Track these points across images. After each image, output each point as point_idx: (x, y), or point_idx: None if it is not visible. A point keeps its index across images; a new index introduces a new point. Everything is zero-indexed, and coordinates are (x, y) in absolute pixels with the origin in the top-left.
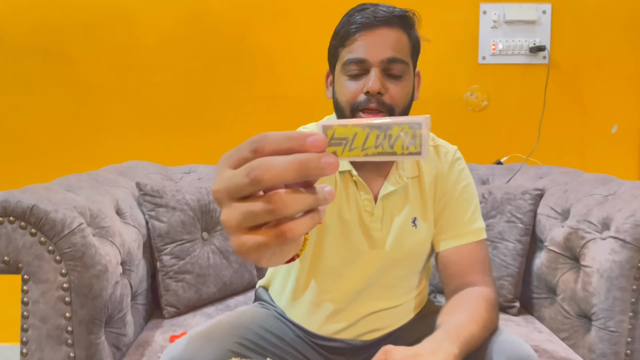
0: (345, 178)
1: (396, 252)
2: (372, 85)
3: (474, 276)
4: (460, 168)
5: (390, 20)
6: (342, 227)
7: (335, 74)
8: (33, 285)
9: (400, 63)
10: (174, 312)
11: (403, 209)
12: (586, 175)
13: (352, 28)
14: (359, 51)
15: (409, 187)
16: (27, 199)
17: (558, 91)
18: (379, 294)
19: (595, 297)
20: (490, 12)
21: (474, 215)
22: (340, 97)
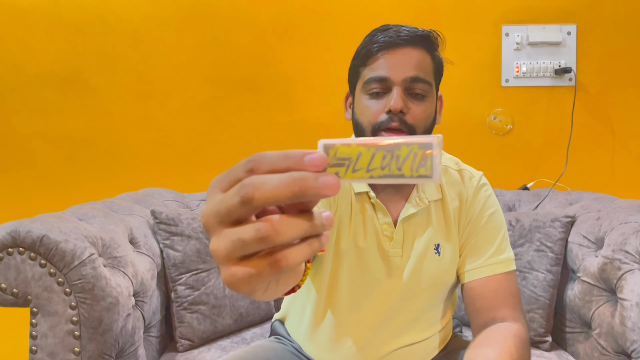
0: (362, 200)
1: (417, 281)
2: (395, 104)
3: (503, 311)
4: (487, 194)
5: (413, 40)
6: (359, 254)
7: (356, 94)
8: (42, 319)
9: (423, 83)
10: (188, 345)
11: (425, 233)
12: (620, 202)
13: (375, 47)
14: (381, 69)
15: (431, 210)
16: (37, 229)
17: (586, 114)
18: (400, 329)
19: (635, 333)
20: (512, 34)
21: (502, 244)
22: (361, 117)
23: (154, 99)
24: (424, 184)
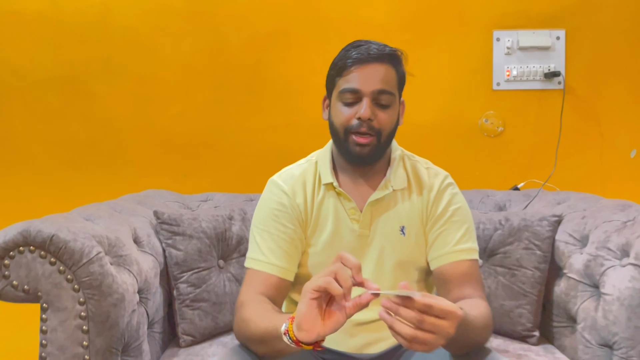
0: (329, 190)
1: (386, 257)
2: (364, 113)
3: (470, 290)
4: (453, 192)
5: (381, 57)
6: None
7: (332, 99)
8: (52, 314)
9: (388, 94)
10: (190, 340)
11: (390, 216)
12: (604, 201)
13: (349, 62)
14: (353, 82)
15: (397, 197)
16: (47, 229)
17: (575, 116)
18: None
19: (616, 326)
20: (503, 39)
21: (466, 236)
22: (336, 120)
23: (154, 104)
24: (391, 175)
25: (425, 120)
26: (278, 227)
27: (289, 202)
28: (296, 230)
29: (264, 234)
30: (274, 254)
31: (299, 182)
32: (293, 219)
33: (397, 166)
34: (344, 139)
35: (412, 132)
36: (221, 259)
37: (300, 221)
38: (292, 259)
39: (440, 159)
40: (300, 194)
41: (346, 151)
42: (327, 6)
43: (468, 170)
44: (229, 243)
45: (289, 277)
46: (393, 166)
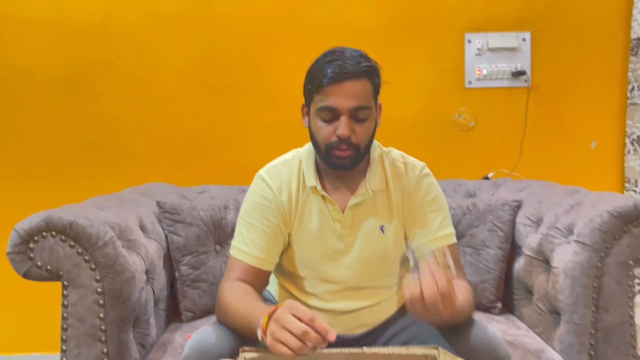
0: (313, 192)
1: (367, 255)
2: (342, 132)
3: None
4: (429, 182)
5: (356, 74)
6: (314, 236)
7: (311, 113)
8: (72, 290)
9: (365, 109)
10: (191, 316)
11: (371, 216)
12: (559, 188)
13: (324, 80)
14: (330, 100)
15: (376, 198)
16: (67, 216)
17: (540, 111)
18: (358, 295)
19: (562, 294)
20: (474, 41)
21: (443, 222)
22: (317, 136)
23: (153, 103)
24: (369, 177)
25: (403, 116)
26: (262, 220)
27: (274, 198)
28: (279, 224)
29: (248, 225)
30: (256, 245)
31: (285, 180)
32: (277, 214)
33: (375, 167)
34: (325, 153)
35: (392, 128)
36: (217, 244)
37: (284, 217)
38: (273, 251)
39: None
40: (285, 192)
41: (328, 162)
42: (313, 12)
43: (443, 161)
44: (225, 230)
45: (268, 267)
46: (372, 168)
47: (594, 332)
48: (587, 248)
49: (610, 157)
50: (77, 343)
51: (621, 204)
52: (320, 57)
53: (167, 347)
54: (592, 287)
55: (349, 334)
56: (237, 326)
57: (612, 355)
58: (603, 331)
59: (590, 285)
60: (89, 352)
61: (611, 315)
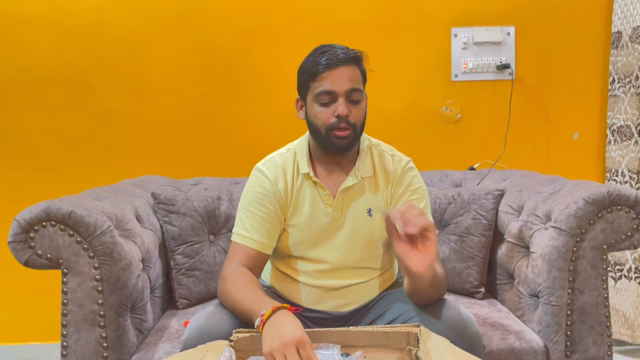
0: (306, 178)
1: (355, 236)
2: (342, 111)
3: None
4: (413, 175)
5: (348, 60)
6: (307, 219)
7: (307, 101)
8: (71, 277)
9: (358, 91)
10: (186, 303)
11: (359, 200)
12: (539, 177)
13: (320, 67)
14: (327, 85)
15: (365, 184)
16: (66, 206)
17: (524, 103)
18: (345, 273)
19: (539, 278)
20: (460, 35)
21: (424, 211)
22: (316, 121)
23: (147, 97)
24: (359, 164)
25: (392, 109)
26: (261, 207)
27: (271, 187)
28: (276, 211)
29: (248, 213)
30: (256, 230)
31: (280, 170)
32: (274, 201)
33: (364, 156)
34: (325, 136)
35: (381, 120)
36: (211, 234)
37: (281, 204)
38: (271, 236)
39: (405, 143)
40: (281, 180)
41: (329, 145)
42: (304, 7)
43: (430, 153)
44: (218, 220)
45: (267, 251)
46: (361, 156)
47: (570, 313)
48: (563, 233)
49: (591, 147)
50: (76, 328)
51: (595, 191)
52: (311, 52)
53: (164, 333)
54: (568, 271)
55: (337, 311)
56: (239, 311)
57: (587, 335)
58: (579, 312)
59: (566, 268)
60: (88, 336)
61: (586, 297)
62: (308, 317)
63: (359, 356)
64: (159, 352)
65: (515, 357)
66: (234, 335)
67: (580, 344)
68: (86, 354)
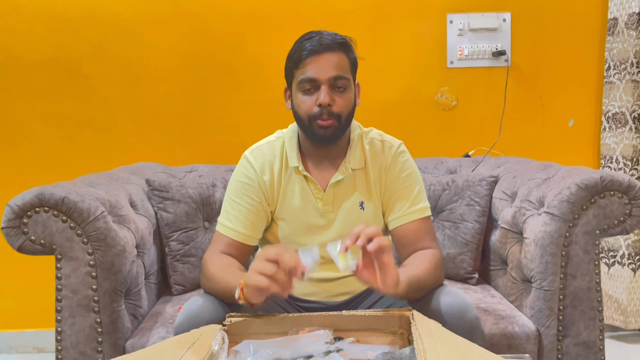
0: (296, 172)
1: (348, 230)
2: (323, 99)
3: (422, 243)
4: (404, 159)
5: (333, 46)
6: (297, 213)
7: (293, 90)
8: (65, 263)
9: (343, 79)
10: (181, 289)
11: (351, 194)
12: (534, 163)
13: (304, 54)
14: (310, 72)
15: (356, 177)
16: (59, 192)
17: (519, 90)
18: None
19: (532, 263)
20: (456, 22)
21: (417, 197)
22: (299, 110)
23: (142, 84)
24: (349, 157)
25: (387, 96)
26: (245, 199)
27: (257, 178)
28: (262, 203)
29: (233, 203)
30: (239, 222)
31: (267, 160)
32: (259, 193)
33: (355, 147)
34: (308, 125)
35: (376, 107)
36: (206, 220)
37: (267, 196)
38: (256, 227)
39: (401, 130)
40: (267, 171)
41: (312, 135)
42: None
43: (425, 140)
44: (213, 207)
45: (251, 242)
46: (352, 148)
47: (562, 298)
48: (555, 219)
49: (587, 134)
50: (71, 313)
51: (588, 176)
52: (298, 39)
53: (158, 318)
54: (561, 256)
55: (331, 301)
56: (220, 292)
57: (579, 320)
58: (571, 297)
59: (559, 253)
60: (83, 321)
61: (578, 282)
62: (302, 307)
63: (351, 341)
64: (153, 337)
65: (508, 342)
66: (227, 320)
67: (572, 328)
68: (81, 339)
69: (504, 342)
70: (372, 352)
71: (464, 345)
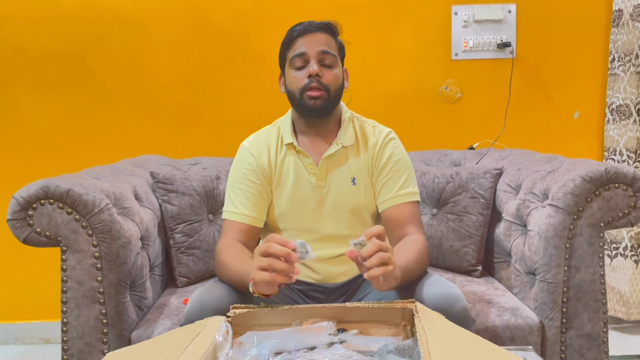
0: (289, 149)
1: (340, 204)
2: (312, 69)
3: (409, 227)
4: (395, 146)
5: (321, 27)
6: (293, 188)
7: (285, 71)
8: (70, 255)
9: (331, 55)
10: (185, 281)
11: (342, 169)
12: (538, 155)
13: (295, 34)
14: (300, 48)
15: (348, 153)
16: (64, 184)
17: (524, 82)
18: (335, 243)
19: (536, 255)
20: (461, 13)
21: (406, 182)
22: (291, 86)
23: (146, 76)
24: (342, 133)
25: (391, 88)
26: (247, 183)
27: (255, 162)
28: (262, 184)
29: (235, 190)
30: (244, 205)
31: (264, 144)
32: (259, 175)
33: (346, 126)
34: (299, 98)
35: (380, 99)
36: (210, 213)
37: (266, 177)
38: (260, 209)
39: (405, 123)
40: (265, 153)
41: (303, 107)
42: None
43: (429, 132)
44: (217, 200)
45: (258, 224)
46: (343, 126)
47: (566, 290)
48: (560, 211)
49: (592, 126)
50: (76, 304)
51: (593, 169)
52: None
53: (163, 310)
54: (565, 248)
55: (330, 283)
56: (233, 281)
57: (583, 312)
58: (575, 289)
59: (563, 246)
60: (88, 312)
61: (582, 274)
62: (302, 290)
63: (355, 333)
64: (158, 329)
65: (511, 334)
66: (231, 311)
67: (576, 320)
68: (86, 330)
69: (508, 334)
70: (375, 343)
71: (467, 337)
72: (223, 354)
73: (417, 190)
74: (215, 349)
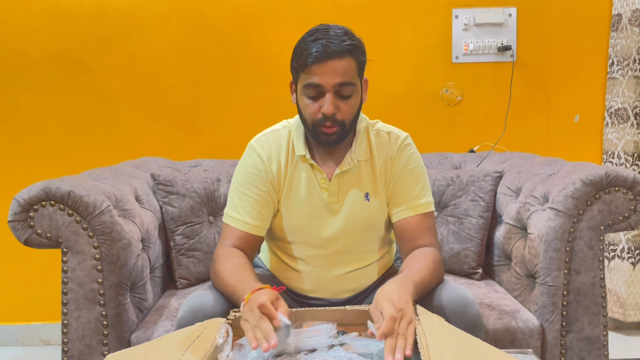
0: (302, 161)
1: (352, 221)
2: (327, 109)
3: (423, 239)
4: (410, 152)
5: (339, 53)
6: (303, 203)
7: (298, 90)
8: (71, 257)
9: (349, 85)
10: (186, 283)
11: (356, 186)
12: (538, 159)
13: (309, 60)
14: (314, 78)
15: (361, 168)
16: (65, 186)
17: (525, 85)
18: (344, 259)
19: (536, 258)
20: (461, 16)
21: (422, 191)
22: (304, 113)
23: (146, 78)
24: (354, 147)
25: (392, 90)
26: (253, 189)
27: (264, 167)
28: (269, 192)
29: (240, 194)
30: (248, 213)
31: (275, 149)
32: (266, 182)
33: (361, 139)
34: (312, 130)
35: (381, 102)
36: (211, 215)
37: (274, 185)
38: (264, 218)
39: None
40: (275, 161)
41: (315, 138)
42: None
43: (430, 135)
44: (218, 202)
45: (260, 233)
46: (357, 139)
47: (566, 294)
48: (560, 214)
49: (592, 130)
50: (77, 306)
51: (593, 172)
52: (305, 34)
53: (163, 311)
54: (565, 251)
55: (335, 298)
56: (227, 294)
57: (583, 315)
58: (575, 292)
59: (563, 249)
60: (88, 314)
61: (582, 278)
62: (306, 304)
63: (355, 335)
64: (158, 330)
65: (511, 337)
66: (232, 314)
67: (576, 323)
68: (87, 332)
69: (508, 337)
70: (375, 346)
71: (466, 340)
72: (223, 356)
73: (432, 199)
74: (216, 350)
